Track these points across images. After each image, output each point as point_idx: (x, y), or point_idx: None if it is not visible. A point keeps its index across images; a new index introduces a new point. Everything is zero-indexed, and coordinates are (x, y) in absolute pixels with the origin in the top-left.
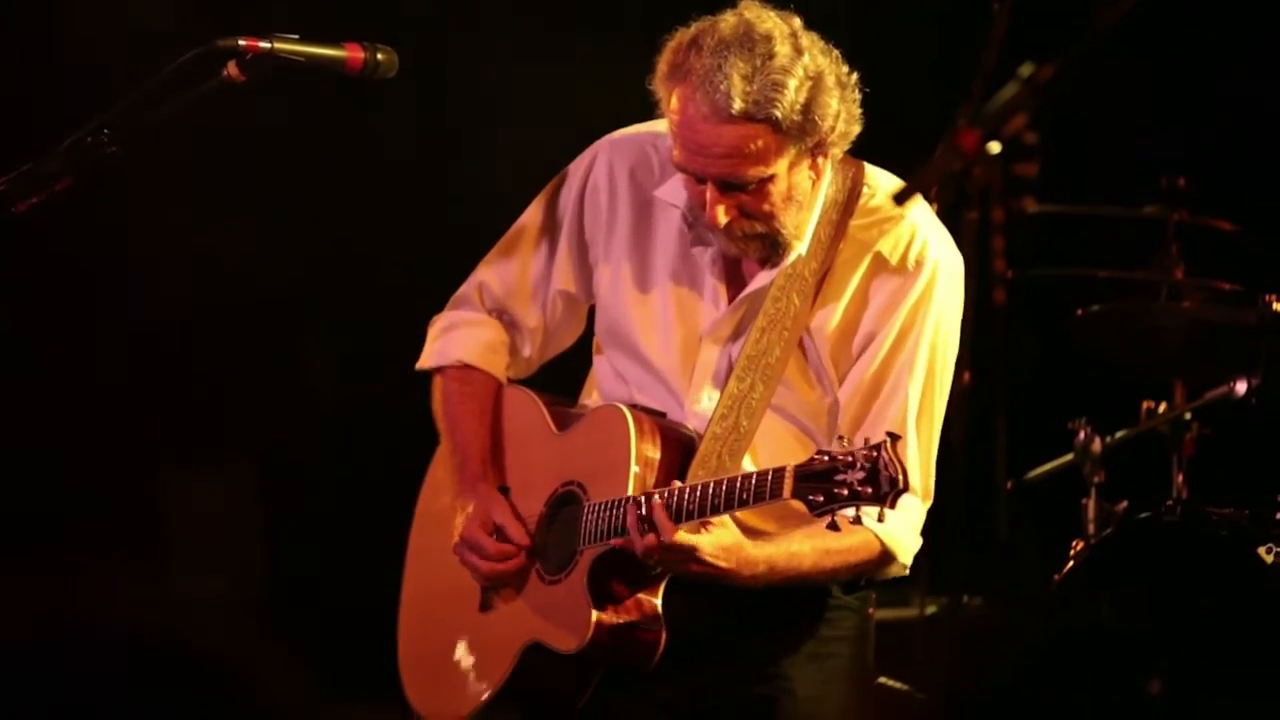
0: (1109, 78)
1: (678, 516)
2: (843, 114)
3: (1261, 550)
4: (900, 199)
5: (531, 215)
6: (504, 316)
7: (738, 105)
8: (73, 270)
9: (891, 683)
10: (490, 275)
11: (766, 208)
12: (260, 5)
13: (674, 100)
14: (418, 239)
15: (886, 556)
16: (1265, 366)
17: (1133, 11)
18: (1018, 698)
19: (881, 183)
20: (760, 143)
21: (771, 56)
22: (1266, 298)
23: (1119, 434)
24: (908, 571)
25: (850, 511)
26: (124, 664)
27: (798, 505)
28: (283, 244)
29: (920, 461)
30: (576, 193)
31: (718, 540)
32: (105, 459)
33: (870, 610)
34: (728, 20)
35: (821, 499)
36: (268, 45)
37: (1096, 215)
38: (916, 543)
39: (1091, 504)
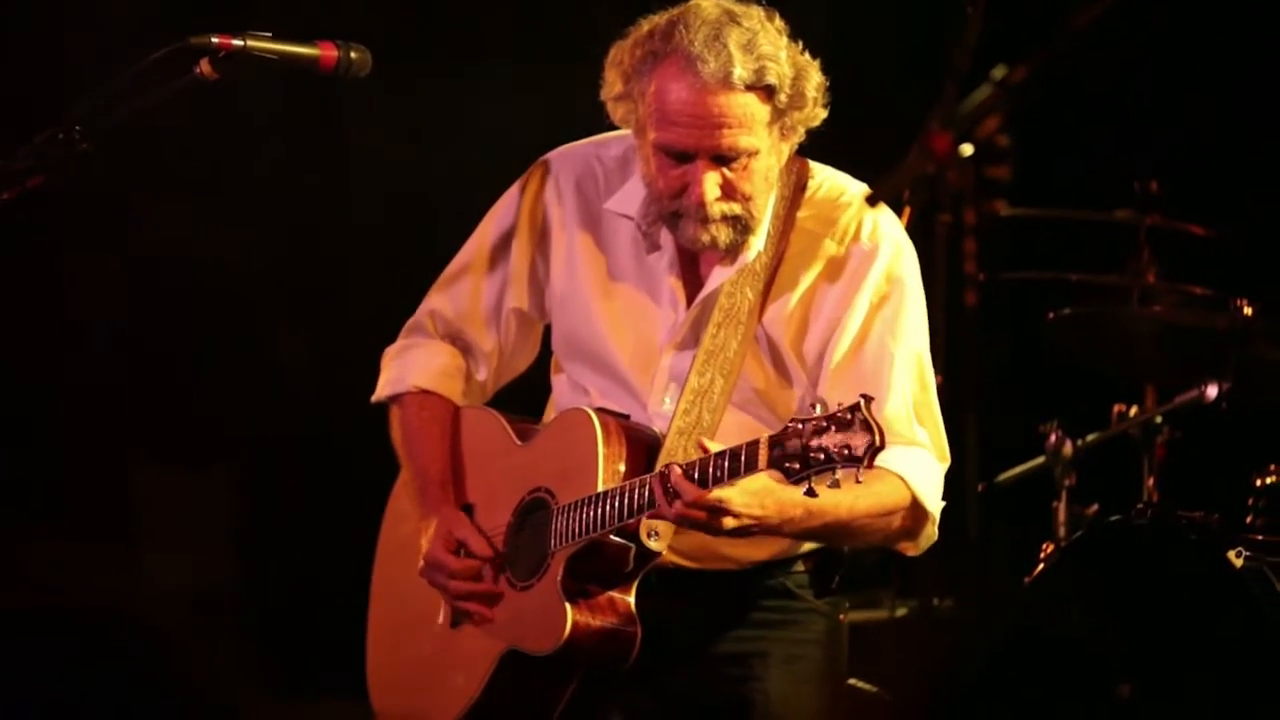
0: (1082, 80)
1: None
2: (820, 95)
3: (1231, 554)
4: (871, 202)
5: (479, 237)
6: (458, 341)
7: (738, 73)
8: (49, 261)
9: (862, 685)
10: (441, 300)
11: (747, 188)
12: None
13: (653, 84)
14: (397, 231)
15: (918, 508)
16: (1236, 371)
17: (1106, 14)
18: (987, 700)
19: (826, 175)
20: (755, 112)
21: (759, 32)
22: (1238, 302)
23: (1090, 437)
24: (936, 536)
25: (829, 476)
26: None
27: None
28: (260, 236)
29: (928, 420)
30: (525, 210)
31: (745, 488)
32: (79, 447)
33: (842, 616)
34: (700, 5)
35: (798, 466)
36: (241, 43)
37: (1069, 219)
38: (940, 500)
39: (1062, 507)
